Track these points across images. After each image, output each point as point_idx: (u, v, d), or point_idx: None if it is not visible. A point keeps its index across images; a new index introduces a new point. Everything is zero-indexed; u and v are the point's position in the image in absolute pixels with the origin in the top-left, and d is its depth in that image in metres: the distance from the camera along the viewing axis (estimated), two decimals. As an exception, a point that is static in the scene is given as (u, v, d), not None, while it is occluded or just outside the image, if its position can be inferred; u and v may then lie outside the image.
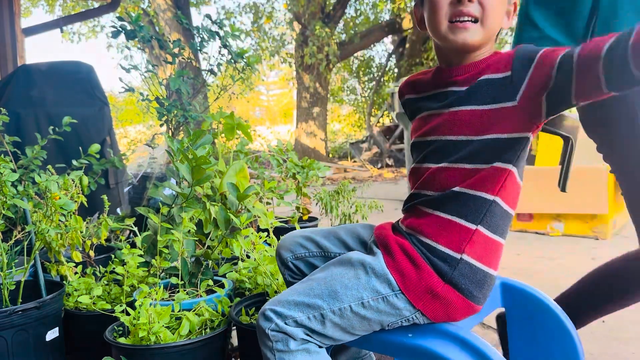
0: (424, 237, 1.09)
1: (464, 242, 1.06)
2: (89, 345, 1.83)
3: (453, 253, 1.06)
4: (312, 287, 1.12)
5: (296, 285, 1.16)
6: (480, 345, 1.02)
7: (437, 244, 1.07)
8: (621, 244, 3.64)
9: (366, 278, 1.08)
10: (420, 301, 1.06)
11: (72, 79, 3.32)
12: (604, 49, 0.91)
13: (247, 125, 2.46)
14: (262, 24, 12.03)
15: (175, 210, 1.96)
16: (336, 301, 1.08)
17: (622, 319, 2.30)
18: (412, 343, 1.09)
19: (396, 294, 1.06)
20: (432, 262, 1.06)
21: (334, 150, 13.04)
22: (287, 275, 1.37)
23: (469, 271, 1.06)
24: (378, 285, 1.07)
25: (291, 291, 1.14)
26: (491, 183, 1.07)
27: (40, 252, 2.03)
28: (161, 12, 10.12)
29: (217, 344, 1.58)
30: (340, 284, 1.09)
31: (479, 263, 1.07)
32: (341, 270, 1.12)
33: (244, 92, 11.21)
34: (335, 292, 1.08)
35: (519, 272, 3.09)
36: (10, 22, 4.76)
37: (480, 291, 1.08)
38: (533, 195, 3.95)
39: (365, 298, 1.07)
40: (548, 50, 1.02)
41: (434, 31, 1.12)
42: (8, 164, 1.84)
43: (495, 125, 1.04)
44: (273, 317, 1.10)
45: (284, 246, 1.37)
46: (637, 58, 0.86)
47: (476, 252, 1.07)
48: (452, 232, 1.07)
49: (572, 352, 1.26)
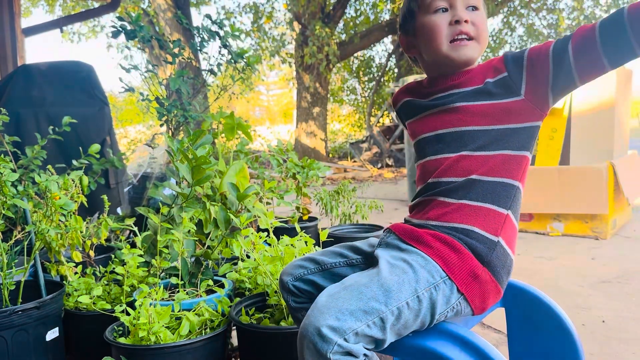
0: (457, 224, 1.09)
1: (499, 227, 1.09)
2: (89, 345, 1.83)
3: (490, 236, 1.08)
4: (361, 291, 1.02)
5: (335, 292, 1.04)
6: (481, 345, 1.02)
7: (474, 227, 1.08)
8: (621, 244, 3.64)
9: (412, 271, 1.04)
10: (465, 285, 1.05)
11: (72, 79, 3.32)
12: (597, 26, 0.99)
13: (247, 125, 2.46)
14: (262, 24, 12.03)
15: (175, 210, 1.96)
16: (393, 300, 1.00)
17: (622, 319, 2.30)
18: (412, 342, 1.09)
19: (444, 280, 1.05)
20: (470, 246, 1.07)
21: (334, 150, 13.04)
22: (291, 301, 1.32)
23: (502, 255, 1.08)
24: (426, 274, 1.04)
25: (337, 299, 1.02)
26: (515, 170, 1.12)
27: (40, 252, 2.03)
28: (161, 12, 10.12)
29: (217, 344, 1.58)
30: (392, 282, 1.02)
31: (509, 248, 1.10)
32: (384, 269, 1.05)
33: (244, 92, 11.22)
34: (389, 291, 1.01)
35: (518, 272, 3.09)
36: (10, 22, 4.76)
37: (507, 276, 1.10)
38: (533, 195, 3.95)
39: (419, 290, 1.02)
40: (533, 49, 1.09)
41: (435, 52, 1.19)
42: (8, 164, 1.84)
43: (509, 116, 1.12)
44: (332, 337, 0.96)
45: (284, 272, 1.34)
46: (635, 24, 0.95)
47: (507, 237, 1.10)
48: (487, 218, 1.09)
49: (573, 352, 1.26)
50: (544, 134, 4.25)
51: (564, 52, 1.03)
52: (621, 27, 0.97)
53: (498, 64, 1.14)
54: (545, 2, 10.49)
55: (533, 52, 1.09)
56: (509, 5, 10.61)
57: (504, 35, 11.57)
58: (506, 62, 1.12)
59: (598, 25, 1.00)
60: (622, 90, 4.06)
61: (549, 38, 10.99)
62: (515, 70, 1.10)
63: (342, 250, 1.30)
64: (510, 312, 1.36)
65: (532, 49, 1.10)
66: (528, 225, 4.09)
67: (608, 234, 3.76)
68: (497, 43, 11.66)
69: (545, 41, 1.12)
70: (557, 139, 4.18)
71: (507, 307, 1.36)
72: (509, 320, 1.37)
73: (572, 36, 1.03)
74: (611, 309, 2.41)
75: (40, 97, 3.15)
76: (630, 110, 4.57)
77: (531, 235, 3.99)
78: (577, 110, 4.04)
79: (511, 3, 10.45)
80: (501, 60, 1.14)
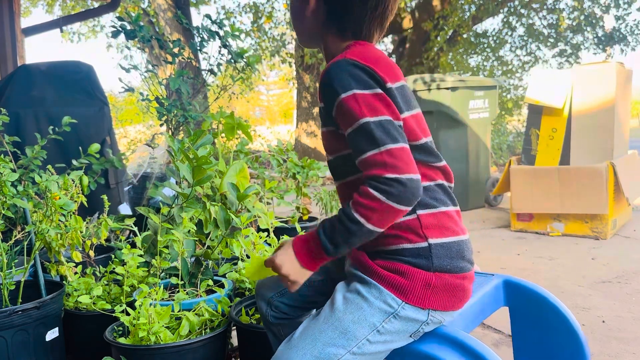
0: (391, 247, 1.07)
1: (419, 229, 1.05)
2: (89, 345, 1.83)
3: (420, 244, 1.05)
4: (316, 338, 1.03)
5: (294, 342, 1.05)
6: (479, 349, 1.02)
7: (403, 245, 1.05)
8: (621, 244, 3.64)
9: (367, 304, 1.04)
10: (425, 300, 1.04)
11: (72, 79, 3.31)
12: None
13: (247, 125, 2.46)
14: (262, 24, 12.01)
15: (176, 210, 1.96)
16: (351, 340, 1.01)
17: (622, 319, 2.30)
18: (410, 347, 1.09)
19: (402, 306, 1.03)
20: (411, 263, 1.04)
21: (334, 150, 13.01)
22: (270, 317, 1.30)
23: (442, 249, 1.05)
24: (382, 305, 1.03)
25: (293, 351, 1.03)
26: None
27: (40, 252, 2.03)
28: (161, 12, 10.11)
29: (217, 344, 1.58)
30: (348, 321, 1.02)
31: (445, 237, 1.07)
32: (339, 307, 1.05)
33: (244, 92, 11.20)
34: (345, 332, 1.01)
35: (519, 272, 3.09)
36: (10, 22, 4.76)
37: (461, 258, 1.07)
38: (533, 195, 3.94)
39: (378, 323, 1.02)
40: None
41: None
42: (8, 164, 1.84)
43: None
44: None
45: (263, 285, 1.32)
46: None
47: (434, 229, 1.06)
48: (406, 228, 1.05)
49: (579, 351, 1.25)
50: (544, 134, 4.24)
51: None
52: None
53: None
54: (545, 2, 10.48)
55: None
56: (509, 5, 10.60)
57: (504, 35, 11.54)
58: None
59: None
60: (622, 90, 4.06)
61: (549, 38, 10.97)
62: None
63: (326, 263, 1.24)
64: (514, 311, 1.35)
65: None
66: (528, 225, 4.08)
67: (608, 234, 3.76)
68: (497, 43, 11.65)
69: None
70: (557, 139, 4.18)
71: (511, 306, 1.35)
72: (514, 319, 1.36)
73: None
74: (611, 309, 2.41)
75: (40, 97, 3.15)
76: (630, 110, 4.56)
77: (531, 235, 3.98)
78: (577, 110, 4.04)
79: (511, 3, 10.44)
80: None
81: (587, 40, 10.63)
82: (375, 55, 1.07)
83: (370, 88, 1.01)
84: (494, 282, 1.33)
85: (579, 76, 4.07)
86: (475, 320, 1.24)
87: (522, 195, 4.02)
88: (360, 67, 1.02)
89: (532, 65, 11.58)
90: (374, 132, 0.97)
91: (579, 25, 10.36)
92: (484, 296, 1.27)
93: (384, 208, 0.95)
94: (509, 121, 11.26)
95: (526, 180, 3.98)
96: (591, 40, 10.51)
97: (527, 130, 4.42)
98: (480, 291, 1.26)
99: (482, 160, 5.15)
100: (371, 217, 0.96)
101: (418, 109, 1.13)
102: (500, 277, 1.36)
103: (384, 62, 1.07)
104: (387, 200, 0.94)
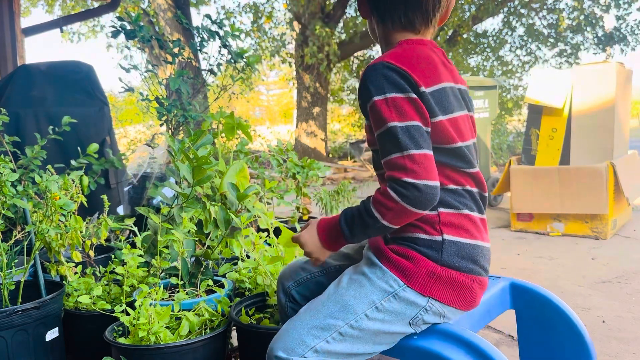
0: (405, 234, 1.11)
1: (437, 225, 1.08)
2: (89, 345, 1.83)
3: (434, 237, 1.08)
4: (318, 310, 1.09)
5: (298, 315, 1.12)
6: (484, 347, 1.02)
7: (418, 234, 1.09)
8: (621, 244, 3.64)
9: (370, 283, 1.09)
10: (426, 287, 1.06)
11: (72, 79, 3.31)
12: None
13: (247, 125, 2.46)
14: (262, 24, 12.01)
15: (176, 210, 1.96)
16: (350, 314, 1.06)
17: (622, 319, 2.30)
18: (416, 345, 1.09)
19: (403, 288, 1.07)
20: (421, 251, 1.08)
21: (334, 150, 13.03)
22: (289, 309, 1.34)
23: (455, 248, 1.08)
24: (384, 285, 1.08)
25: (296, 321, 1.10)
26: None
27: (40, 252, 2.03)
28: (161, 12, 10.11)
29: (217, 344, 1.58)
30: (349, 296, 1.08)
31: (462, 238, 1.09)
32: (343, 285, 1.11)
33: (244, 92, 11.20)
34: (346, 306, 1.07)
35: (519, 272, 3.09)
36: (10, 22, 4.76)
37: (474, 263, 1.10)
38: (533, 195, 3.94)
39: (377, 300, 1.07)
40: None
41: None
42: (8, 164, 1.84)
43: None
44: (285, 358, 1.05)
45: (284, 276, 1.36)
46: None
47: (453, 229, 1.09)
48: (424, 222, 1.09)
49: (585, 354, 1.25)
50: (544, 134, 4.25)
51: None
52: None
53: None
54: (545, 2, 10.48)
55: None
56: (509, 5, 10.60)
57: (504, 35, 11.54)
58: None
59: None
60: (622, 90, 4.06)
61: (549, 38, 10.97)
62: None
63: (343, 248, 1.30)
64: (520, 314, 1.36)
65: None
66: (528, 225, 4.08)
67: (608, 234, 3.76)
68: (497, 43, 11.65)
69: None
70: (557, 139, 4.18)
71: (517, 308, 1.35)
72: (520, 322, 1.36)
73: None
74: (611, 309, 2.41)
75: (40, 97, 3.15)
76: (630, 110, 4.56)
77: (531, 235, 3.98)
78: (577, 110, 4.04)
79: (511, 3, 10.43)
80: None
81: (587, 40, 10.64)
82: (416, 56, 1.09)
83: (403, 91, 1.04)
84: (500, 285, 1.34)
85: (579, 76, 4.07)
86: (480, 322, 1.24)
87: (522, 195, 4.01)
88: (394, 69, 1.05)
89: (532, 65, 11.59)
90: (399, 137, 1.01)
91: (579, 25, 10.36)
92: (490, 298, 1.27)
93: (399, 208, 1.01)
94: (509, 121, 11.27)
95: (526, 180, 3.97)
96: (591, 40, 10.51)
97: (527, 130, 4.42)
98: (487, 294, 1.27)
99: (482, 160, 5.15)
100: (386, 215, 1.03)
101: (462, 111, 1.14)
102: (507, 280, 1.36)
103: (425, 63, 1.08)
104: (402, 202, 1.00)
